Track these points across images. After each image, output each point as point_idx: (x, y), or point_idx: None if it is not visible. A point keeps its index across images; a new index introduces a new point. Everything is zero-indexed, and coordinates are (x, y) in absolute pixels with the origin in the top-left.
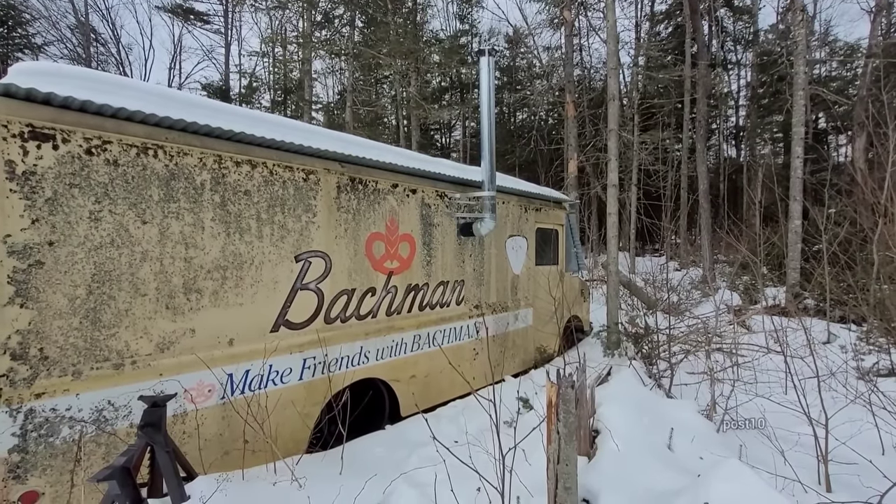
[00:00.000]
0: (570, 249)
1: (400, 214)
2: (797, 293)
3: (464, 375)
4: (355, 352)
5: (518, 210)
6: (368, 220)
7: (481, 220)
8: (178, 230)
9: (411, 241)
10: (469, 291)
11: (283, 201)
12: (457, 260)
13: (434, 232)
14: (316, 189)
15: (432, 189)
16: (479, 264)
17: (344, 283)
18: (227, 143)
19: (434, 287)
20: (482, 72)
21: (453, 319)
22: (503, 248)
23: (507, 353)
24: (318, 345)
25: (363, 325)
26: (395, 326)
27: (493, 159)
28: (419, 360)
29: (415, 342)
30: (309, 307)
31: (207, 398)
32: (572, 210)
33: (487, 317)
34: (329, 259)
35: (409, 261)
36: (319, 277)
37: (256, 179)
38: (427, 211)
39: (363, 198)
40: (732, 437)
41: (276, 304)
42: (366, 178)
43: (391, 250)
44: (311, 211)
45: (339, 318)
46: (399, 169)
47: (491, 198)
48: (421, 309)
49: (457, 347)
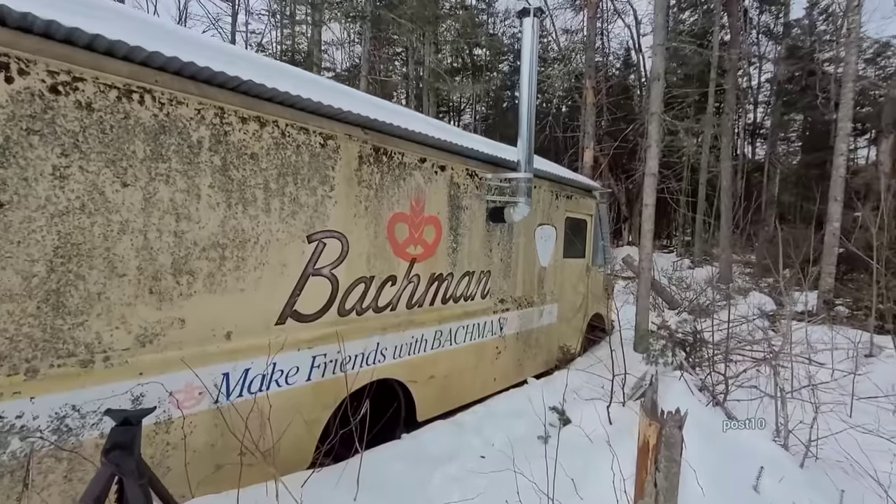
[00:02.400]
0: (597, 242)
1: (427, 194)
2: (829, 300)
3: (486, 375)
4: (371, 349)
5: (549, 197)
6: (392, 199)
7: (515, 206)
8: (168, 197)
9: (437, 224)
10: (495, 284)
11: (297, 170)
12: (484, 248)
13: (462, 216)
14: (335, 158)
15: (462, 167)
16: (507, 254)
17: (362, 269)
18: (231, 93)
19: (459, 278)
20: (525, 34)
21: (477, 314)
22: (532, 237)
23: (530, 351)
24: (330, 340)
25: (381, 319)
26: (415, 321)
27: (532, 137)
28: (439, 359)
29: (435, 339)
30: (321, 296)
31: (198, 402)
32: (603, 200)
33: (512, 312)
34: (346, 241)
35: (434, 247)
36: (335, 262)
37: (266, 141)
38: (456, 191)
39: (387, 172)
40: (820, 477)
41: (284, 292)
42: (391, 148)
43: (415, 234)
44: (328, 183)
45: (354, 309)
46: (428, 141)
47: (528, 180)
48: (444, 302)
49: (479, 345)
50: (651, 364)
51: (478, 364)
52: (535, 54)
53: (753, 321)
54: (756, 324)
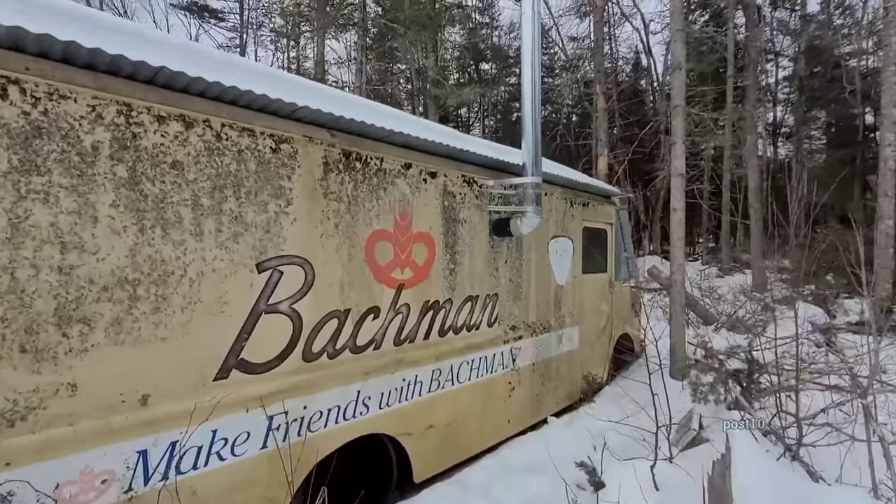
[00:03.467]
0: (619, 254)
1: (414, 206)
2: (888, 308)
3: (497, 418)
4: (349, 399)
5: (563, 205)
6: (370, 213)
7: (522, 216)
8: (48, 221)
9: (429, 242)
10: (504, 308)
11: (239, 181)
12: (489, 268)
13: (460, 230)
14: (291, 165)
15: (458, 173)
16: (517, 273)
17: (333, 301)
18: (141, 86)
19: (459, 304)
20: (525, 20)
21: (484, 346)
22: (545, 252)
23: (549, 385)
24: (293, 393)
25: (361, 361)
26: (406, 360)
27: (539, 136)
28: (439, 403)
29: (433, 380)
30: (278, 339)
31: (101, 494)
32: (623, 206)
33: (526, 340)
34: (311, 267)
35: (427, 269)
36: (296, 294)
37: (194, 146)
38: (451, 202)
39: (362, 181)
40: None
41: (226, 337)
42: (366, 153)
43: (402, 255)
44: (284, 197)
45: (324, 352)
46: (413, 143)
47: (535, 185)
48: (442, 334)
49: (488, 382)
50: (698, 401)
51: (487, 405)
52: (538, 36)
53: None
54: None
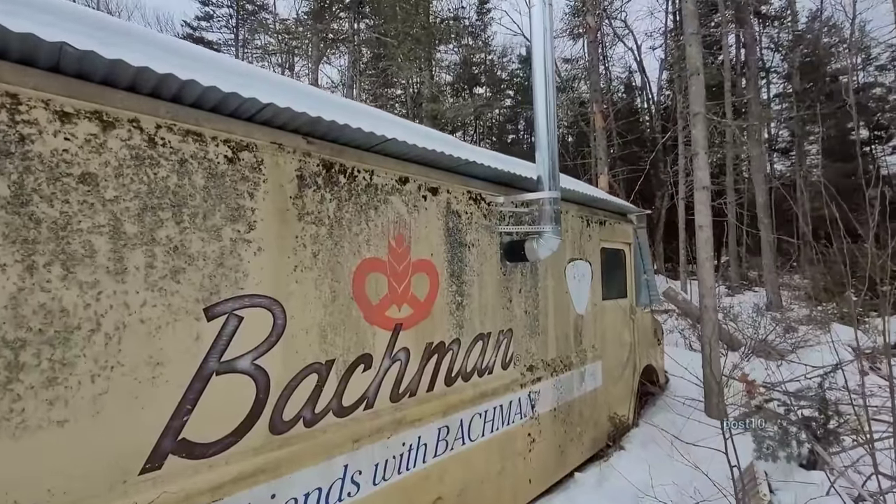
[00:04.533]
0: (640, 276)
1: (412, 228)
2: None
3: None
4: (334, 477)
5: (579, 224)
6: (358, 238)
7: (539, 237)
8: None
9: (431, 271)
10: (520, 346)
11: (181, 200)
12: (501, 299)
13: (467, 256)
14: (254, 179)
15: (463, 188)
16: (533, 303)
17: (312, 351)
18: (34, 72)
19: (469, 344)
20: (535, 23)
21: (498, 393)
22: (562, 277)
23: (573, 431)
24: (256, 479)
25: (349, 426)
26: (406, 418)
27: (556, 146)
28: (448, 468)
29: (440, 440)
30: (236, 407)
31: None
32: (640, 223)
33: (545, 382)
34: (281, 310)
35: (429, 305)
36: (261, 346)
37: (115, 154)
38: (455, 223)
39: (348, 199)
40: None
41: (157, 413)
42: (353, 164)
43: (398, 288)
44: (244, 220)
45: (299, 419)
46: (410, 153)
47: (554, 201)
48: (449, 382)
49: (505, 437)
50: (764, 457)
51: (504, 465)
52: (550, 37)
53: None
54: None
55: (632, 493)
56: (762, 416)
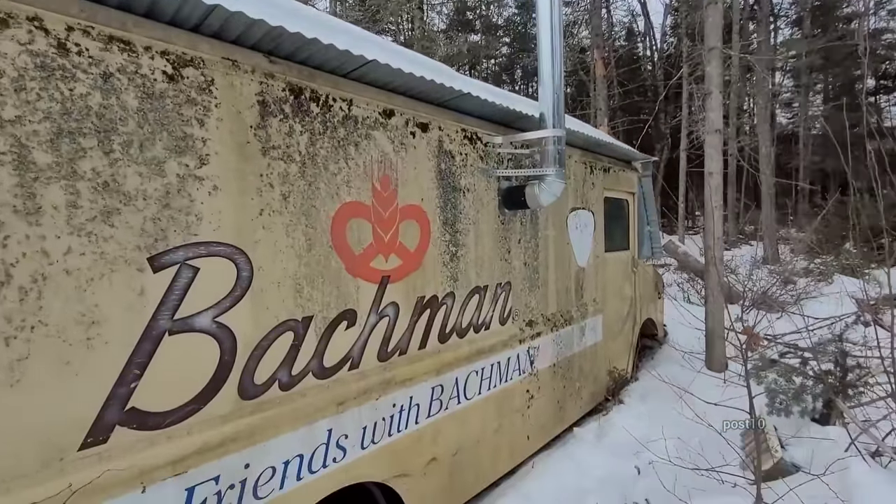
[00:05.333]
0: (643, 228)
1: (400, 169)
2: None
3: (514, 436)
4: (317, 443)
5: (582, 170)
6: (336, 179)
7: (541, 181)
8: None
9: (422, 218)
10: (518, 300)
11: (108, 125)
12: (499, 249)
13: (461, 202)
14: (204, 104)
15: (456, 125)
16: (533, 255)
17: (286, 307)
18: None
19: (464, 298)
20: None
21: (496, 349)
22: (564, 227)
23: (572, 387)
24: (226, 449)
25: (332, 389)
26: (396, 378)
27: (561, 80)
28: (442, 429)
29: (434, 399)
30: (197, 371)
31: None
32: (646, 172)
33: (545, 337)
34: (246, 260)
35: (420, 255)
36: (223, 301)
37: (10, 60)
38: (449, 164)
39: (323, 132)
40: None
41: (98, 379)
42: (328, 91)
43: (385, 237)
44: (194, 153)
45: (274, 381)
46: (396, 81)
47: (558, 141)
48: (443, 339)
49: (502, 394)
50: (776, 412)
51: (502, 423)
52: None
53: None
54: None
55: (631, 447)
56: (776, 369)
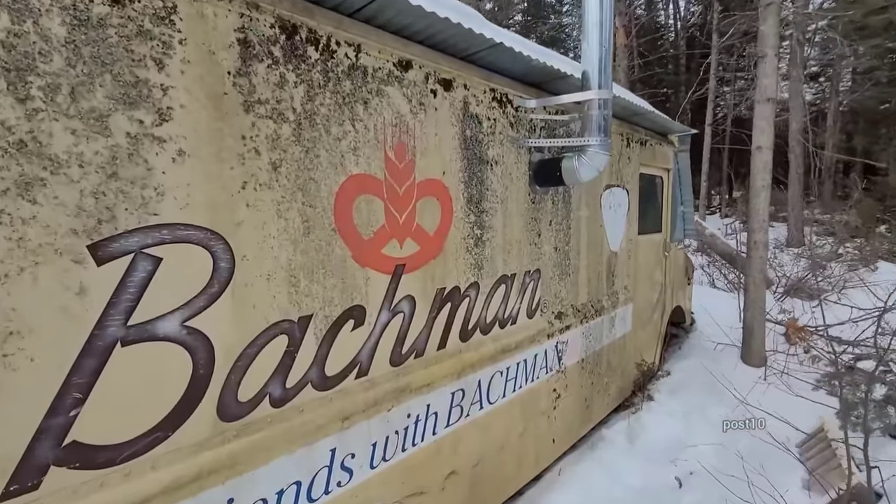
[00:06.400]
0: (676, 208)
1: (418, 136)
2: None
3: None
4: (318, 466)
5: (619, 143)
6: (341, 146)
7: (581, 153)
8: None
9: (443, 195)
10: (548, 290)
11: (20, 62)
12: (529, 233)
13: (489, 177)
14: (163, 39)
15: (484, 84)
16: (564, 238)
17: (277, 305)
18: None
19: (489, 289)
20: None
21: (523, 346)
22: (598, 207)
23: (600, 382)
24: (202, 483)
25: (336, 401)
26: (412, 385)
27: (611, 35)
28: (463, 437)
29: (454, 406)
30: (160, 391)
31: None
32: (683, 147)
33: (574, 330)
34: (225, 247)
35: (440, 239)
36: (194, 302)
37: None
38: (475, 131)
39: (325, 85)
40: None
41: (20, 408)
42: (328, 32)
43: (400, 217)
44: (149, 105)
45: (264, 397)
46: (415, 27)
47: (604, 104)
48: (465, 337)
49: (528, 395)
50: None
51: (527, 426)
52: None
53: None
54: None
55: (667, 452)
56: (852, 377)
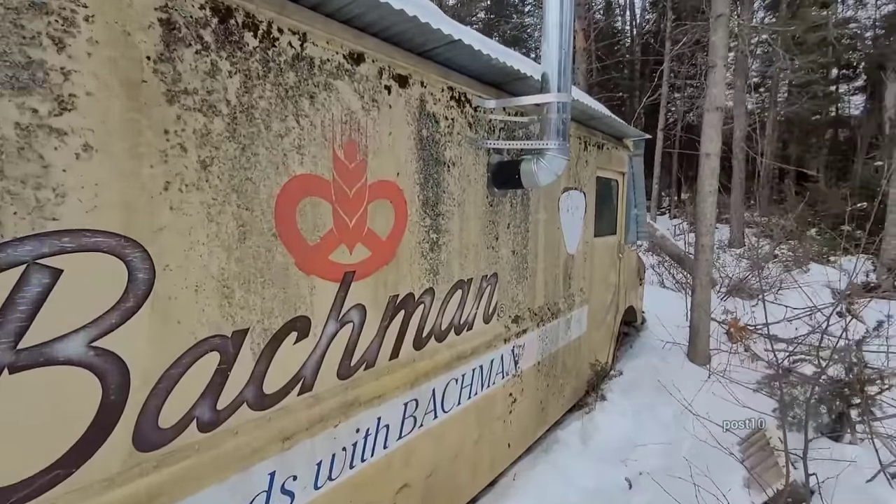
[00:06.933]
0: (630, 211)
1: (370, 134)
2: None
3: (495, 446)
4: (253, 493)
5: (577, 146)
6: (283, 143)
7: (540, 156)
8: None
9: (397, 198)
10: (505, 294)
11: None
12: (486, 236)
13: (445, 179)
14: (65, 14)
15: (442, 82)
16: (522, 241)
17: (207, 319)
18: None
19: (445, 295)
20: None
21: (479, 352)
22: (555, 209)
23: (555, 384)
24: None
25: (274, 422)
26: (361, 398)
27: (571, 38)
28: (416, 448)
29: (406, 417)
30: (62, 421)
31: None
32: (637, 152)
33: (531, 333)
34: (144, 256)
35: (394, 244)
36: (104, 319)
37: None
38: (432, 131)
39: (265, 75)
40: None
41: None
42: (269, 18)
43: (350, 221)
44: (46, 91)
45: (191, 422)
46: (368, 18)
47: (563, 108)
48: (419, 346)
49: (484, 401)
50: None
51: (482, 433)
52: None
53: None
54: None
55: (619, 452)
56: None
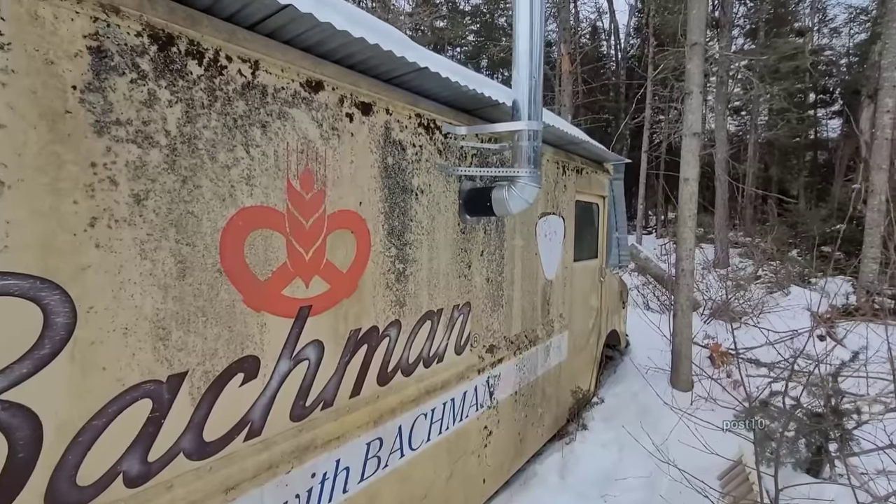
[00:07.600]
0: (611, 235)
1: (330, 164)
2: (873, 290)
3: (469, 483)
4: None
5: (554, 170)
6: (230, 174)
7: (512, 184)
8: None
9: (360, 228)
10: (479, 323)
11: None
12: (458, 265)
13: (413, 207)
14: None
15: (409, 110)
16: (497, 269)
17: (138, 364)
18: None
19: (413, 327)
20: None
21: (450, 385)
22: (532, 235)
23: (534, 414)
24: None
25: (216, 471)
26: (316, 441)
27: (542, 64)
28: (381, 490)
29: (369, 458)
30: None
31: None
32: (617, 175)
33: (507, 363)
34: (63, 299)
35: (355, 276)
36: (12, 369)
37: None
38: (398, 159)
39: (210, 104)
40: None
41: None
42: (216, 46)
43: (306, 253)
44: None
45: (115, 476)
46: (327, 47)
47: (534, 135)
48: (383, 381)
49: (456, 436)
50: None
51: (454, 469)
52: None
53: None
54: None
55: (599, 487)
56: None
